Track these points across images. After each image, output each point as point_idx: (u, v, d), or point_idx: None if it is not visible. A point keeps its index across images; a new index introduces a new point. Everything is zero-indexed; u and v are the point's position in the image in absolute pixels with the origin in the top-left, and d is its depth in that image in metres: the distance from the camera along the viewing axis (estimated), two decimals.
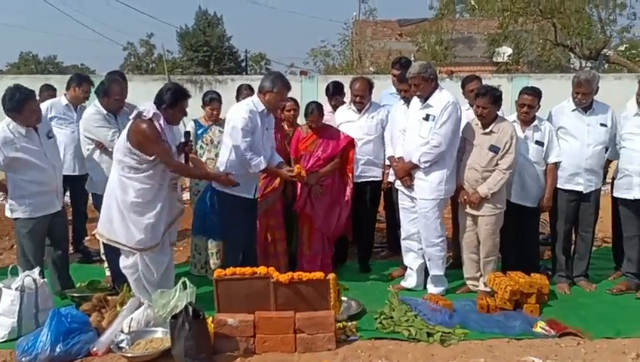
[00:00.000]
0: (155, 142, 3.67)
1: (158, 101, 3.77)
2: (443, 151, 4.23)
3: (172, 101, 3.77)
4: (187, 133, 4.20)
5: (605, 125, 4.49)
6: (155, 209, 3.80)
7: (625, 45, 18.88)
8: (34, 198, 4.01)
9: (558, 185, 4.52)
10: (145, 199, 3.78)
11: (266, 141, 4.24)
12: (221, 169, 4.20)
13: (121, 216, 3.79)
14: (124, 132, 3.78)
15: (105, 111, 4.37)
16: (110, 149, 4.30)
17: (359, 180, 4.93)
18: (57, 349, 3.31)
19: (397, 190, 4.69)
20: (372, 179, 5.01)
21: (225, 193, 4.18)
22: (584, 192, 4.51)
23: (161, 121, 3.72)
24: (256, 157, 4.06)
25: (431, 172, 4.29)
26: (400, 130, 4.56)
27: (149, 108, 3.70)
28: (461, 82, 5.24)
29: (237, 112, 4.11)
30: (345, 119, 5.03)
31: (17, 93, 3.87)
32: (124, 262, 3.95)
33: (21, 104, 3.85)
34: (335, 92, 5.38)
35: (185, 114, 3.96)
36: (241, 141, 4.02)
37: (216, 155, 4.85)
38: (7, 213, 4.11)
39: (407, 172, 4.39)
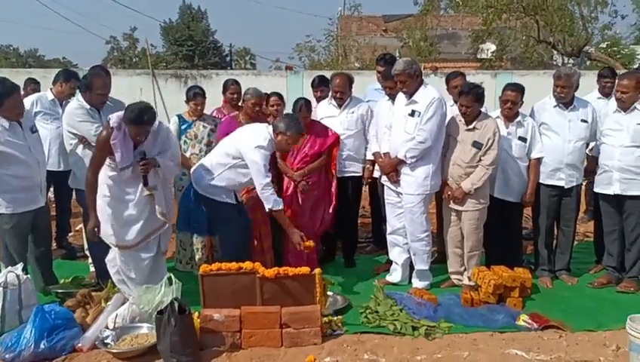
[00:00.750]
0: (97, 149, 3.80)
1: (124, 116, 3.73)
2: (429, 147, 4.27)
3: (129, 120, 3.68)
4: (142, 153, 3.87)
5: (586, 121, 4.56)
6: (121, 212, 3.86)
7: (606, 42, 19.14)
8: (17, 193, 3.96)
9: (540, 181, 4.58)
10: (113, 198, 3.86)
11: None
12: (213, 173, 4.15)
13: (102, 211, 3.87)
14: None
15: (88, 106, 4.32)
16: (93, 144, 4.26)
17: (340, 175, 4.95)
18: (41, 345, 3.28)
19: (382, 185, 4.72)
20: (353, 174, 5.03)
21: (212, 199, 4.18)
22: (565, 187, 4.58)
23: (121, 134, 3.70)
24: (276, 195, 4.07)
25: (417, 167, 4.32)
26: (386, 126, 4.58)
27: (116, 118, 3.72)
28: (445, 78, 5.28)
29: (258, 151, 4.00)
30: (325, 114, 5.04)
31: (0, 86, 3.85)
32: (108, 255, 4.01)
33: (3, 97, 3.82)
34: (321, 83, 5.39)
35: (139, 137, 3.78)
36: (263, 178, 4.00)
37: (200, 150, 4.84)
38: None
39: (394, 167, 4.42)
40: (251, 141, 4.04)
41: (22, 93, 4.51)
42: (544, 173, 4.57)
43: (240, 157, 4.07)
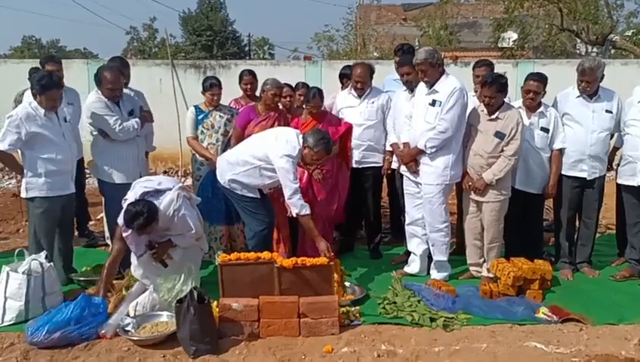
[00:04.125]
0: (117, 239, 3.91)
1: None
2: (449, 137, 4.22)
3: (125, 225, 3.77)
4: (147, 244, 3.94)
5: (611, 112, 4.46)
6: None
7: (632, 30, 18.70)
8: (50, 177, 4.08)
9: (563, 172, 4.51)
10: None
11: None
12: (237, 170, 4.18)
13: None
14: None
15: (105, 99, 4.37)
16: (113, 137, 4.31)
17: (360, 166, 4.94)
18: (73, 330, 3.37)
19: (401, 176, 4.69)
20: (373, 165, 5.00)
21: (235, 192, 4.21)
22: (588, 179, 4.50)
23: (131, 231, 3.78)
24: (303, 201, 4.06)
25: (436, 157, 4.28)
26: (406, 116, 4.54)
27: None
28: (472, 66, 5.21)
29: (286, 151, 4.03)
30: (345, 104, 5.02)
31: (45, 78, 4.07)
32: None
33: (45, 88, 4.01)
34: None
35: (142, 235, 3.83)
36: (292, 184, 4.01)
37: (217, 141, 4.86)
38: (23, 193, 4.16)
39: (413, 157, 4.39)
40: (281, 150, 4.04)
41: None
42: (566, 164, 4.49)
43: (267, 160, 4.08)
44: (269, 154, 4.06)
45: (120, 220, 3.77)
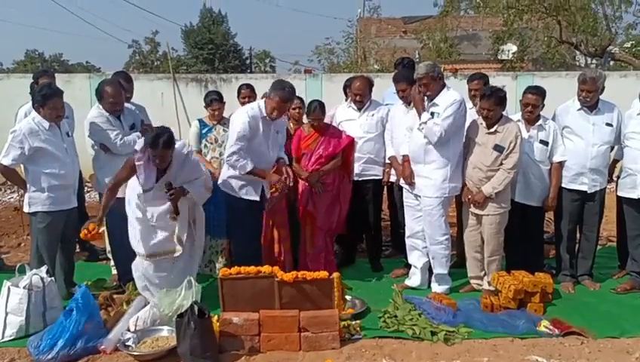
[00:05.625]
0: (124, 168, 3.92)
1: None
2: (444, 141, 4.22)
3: (145, 143, 3.80)
4: (168, 184, 3.95)
5: (611, 125, 4.48)
6: (145, 223, 3.95)
7: (631, 42, 18.79)
8: (53, 192, 4.11)
9: (563, 185, 4.52)
10: (139, 208, 3.94)
11: (273, 144, 4.28)
12: (224, 168, 4.27)
13: (130, 214, 3.99)
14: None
15: (107, 113, 4.39)
16: (114, 151, 4.33)
17: (360, 178, 4.96)
18: (78, 346, 3.39)
19: (400, 188, 4.71)
20: (373, 177, 5.02)
21: (231, 196, 4.25)
22: (588, 192, 4.51)
23: (145, 157, 3.79)
24: (242, 160, 4.10)
25: (435, 170, 4.29)
26: (407, 128, 4.56)
27: (141, 142, 3.85)
28: (467, 80, 5.24)
29: (238, 117, 4.18)
30: (345, 117, 5.05)
31: (46, 88, 4.16)
32: (135, 260, 4.05)
33: (46, 98, 4.06)
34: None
35: (158, 161, 3.84)
36: (232, 145, 4.12)
37: (221, 154, 4.88)
38: (25, 208, 4.18)
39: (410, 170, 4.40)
40: (235, 117, 4.17)
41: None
42: (567, 177, 4.50)
43: None
44: (231, 126, 4.20)
45: (138, 145, 3.80)
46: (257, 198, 4.27)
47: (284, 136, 4.53)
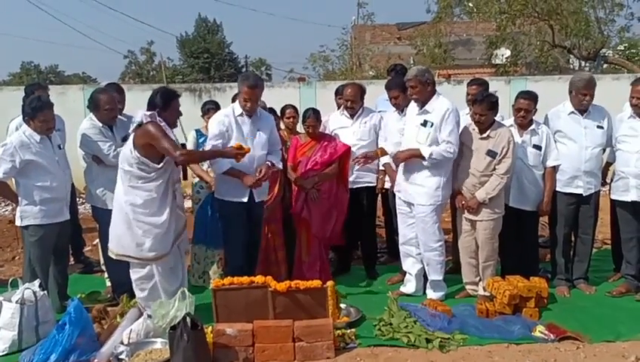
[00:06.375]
0: (163, 137, 3.70)
1: (152, 106, 3.83)
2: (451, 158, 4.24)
3: (164, 103, 3.85)
4: (182, 145, 4.19)
5: (602, 127, 4.49)
6: (163, 217, 3.82)
7: (624, 45, 18.87)
8: (45, 205, 4.09)
9: (558, 189, 4.52)
10: (153, 208, 3.79)
11: (256, 144, 4.23)
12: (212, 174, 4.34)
13: (130, 229, 3.79)
14: (128, 144, 3.80)
15: (100, 125, 4.37)
16: (107, 163, 4.31)
17: (354, 186, 4.96)
18: (71, 359, 3.37)
19: (394, 195, 4.70)
20: (367, 184, 5.02)
21: (218, 199, 4.28)
22: (584, 195, 4.51)
23: (162, 124, 3.77)
24: (219, 160, 4.12)
25: (428, 178, 4.29)
26: (399, 132, 4.56)
27: (141, 114, 3.75)
28: (467, 83, 5.26)
29: (213, 119, 4.30)
30: (338, 125, 5.05)
31: (35, 101, 4.15)
32: (137, 274, 3.89)
33: (37, 111, 4.06)
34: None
35: (180, 114, 4.01)
36: (206, 145, 4.21)
37: None
38: (17, 222, 4.16)
39: (407, 158, 4.35)
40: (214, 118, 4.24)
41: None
42: (562, 181, 4.50)
43: None
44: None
45: (146, 116, 3.74)
46: (245, 199, 4.22)
47: (277, 138, 4.49)
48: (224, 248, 4.59)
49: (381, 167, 4.95)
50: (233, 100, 5.25)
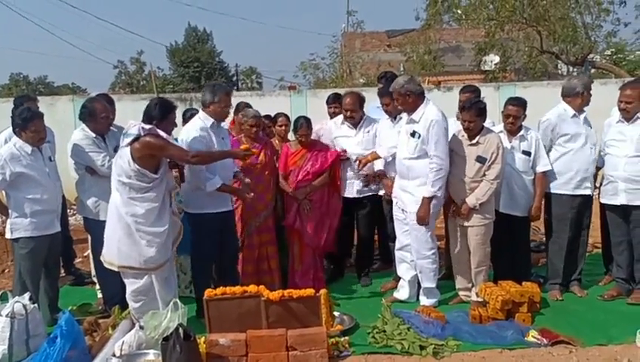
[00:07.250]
0: (168, 144, 3.77)
1: (149, 118, 3.84)
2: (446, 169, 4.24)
3: (162, 115, 3.86)
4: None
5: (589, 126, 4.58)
6: (164, 226, 3.82)
7: (611, 50, 19.07)
8: (36, 217, 4.06)
9: (566, 192, 4.53)
10: (154, 217, 3.78)
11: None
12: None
13: (131, 238, 3.76)
14: (125, 157, 3.72)
15: (93, 135, 4.34)
16: (101, 174, 4.28)
17: (361, 195, 4.96)
18: None
19: (389, 202, 4.72)
20: (372, 193, 5.01)
21: (196, 214, 4.23)
22: (590, 196, 4.59)
23: (162, 134, 3.77)
24: (211, 176, 4.08)
25: (419, 186, 4.28)
26: (391, 137, 4.60)
27: (138, 127, 3.72)
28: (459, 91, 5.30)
29: (188, 133, 4.11)
30: (341, 134, 5.03)
31: (25, 112, 4.12)
32: (133, 285, 3.85)
33: (27, 121, 4.04)
34: (335, 100, 5.42)
35: (175, 125, 4.02)
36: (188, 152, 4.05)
37: None
38: (7, 234, 4.12)
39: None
40: (185, 135, 4.11)
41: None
42: (572, 184, 4.51)
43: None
44: (183, 143, 4.08)
45: (144, 128, 3.69)
46: (229, 208, 4.28)
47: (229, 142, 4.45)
48: (193, 267, 4.45)
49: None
50: (236, 112, 5.20)
